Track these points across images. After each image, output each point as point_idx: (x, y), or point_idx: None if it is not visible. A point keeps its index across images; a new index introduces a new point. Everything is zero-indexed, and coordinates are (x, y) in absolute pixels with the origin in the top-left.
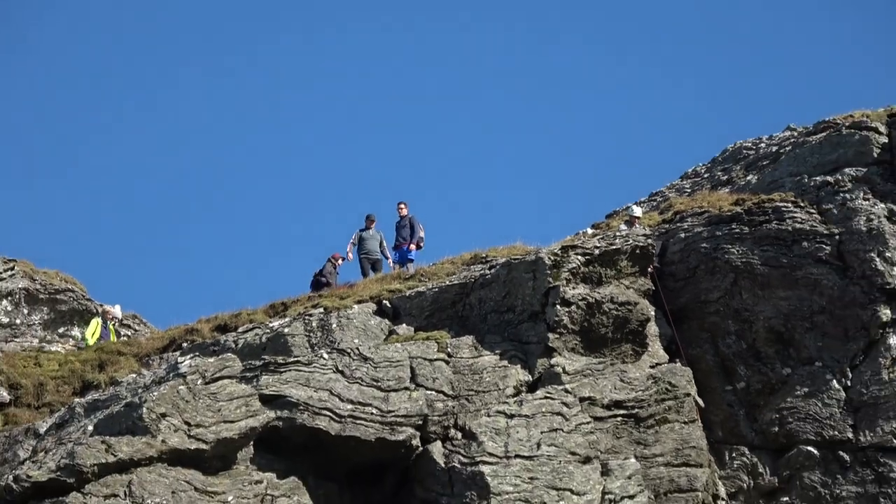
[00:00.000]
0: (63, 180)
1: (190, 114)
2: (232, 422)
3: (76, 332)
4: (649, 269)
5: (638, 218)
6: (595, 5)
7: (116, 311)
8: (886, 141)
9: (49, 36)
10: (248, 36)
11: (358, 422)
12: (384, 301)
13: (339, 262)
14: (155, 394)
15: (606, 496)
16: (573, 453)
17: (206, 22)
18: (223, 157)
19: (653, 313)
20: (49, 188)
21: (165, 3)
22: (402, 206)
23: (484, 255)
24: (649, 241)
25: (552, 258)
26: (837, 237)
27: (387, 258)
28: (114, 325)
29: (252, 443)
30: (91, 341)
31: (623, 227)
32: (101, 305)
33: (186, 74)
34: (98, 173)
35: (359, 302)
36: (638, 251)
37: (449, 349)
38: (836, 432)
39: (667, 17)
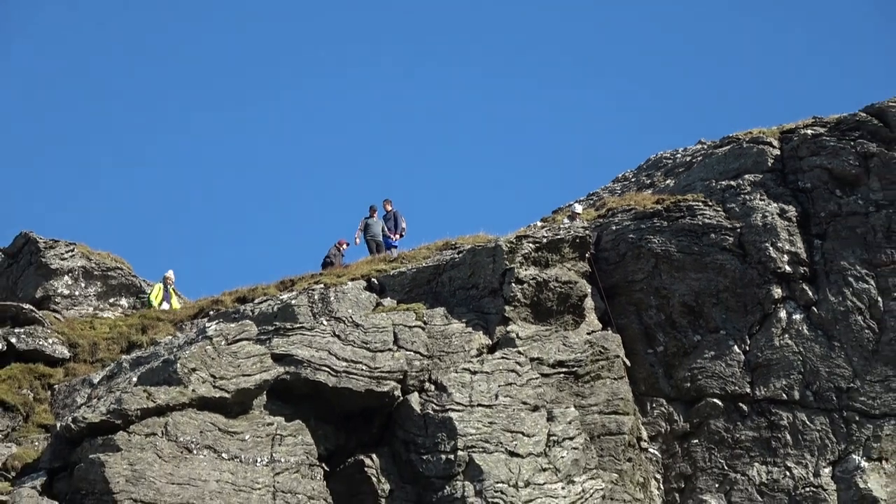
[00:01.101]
0: (117, 176)
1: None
2: (249, 375)
3: (123, 301)
4: (587, 255)
5: (578, 214)
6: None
7: (171, 275)
8: (778, 153)
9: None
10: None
11: (351, 376)
12: (373, 279)
13: (344, 246)
14: (187, 352)
15: (551, 437)
16: (524, 403)
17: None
18: (234, 156)
19: (589, 290)
20: (105, 182)
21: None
22: (388, 202)
23: (453, 243)
24: (587, 232)
25: (508, 245)
26: (738, 230)
27: (388, 237)
28: (172, 287)
29: (265, 392)
30: (155, 303)
31: (566, 220)
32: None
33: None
34: (151, 171)
35: (352, 280)
36: (578, 240)
37: (424, 318)
38: (737, 388)
39: (602, 35)
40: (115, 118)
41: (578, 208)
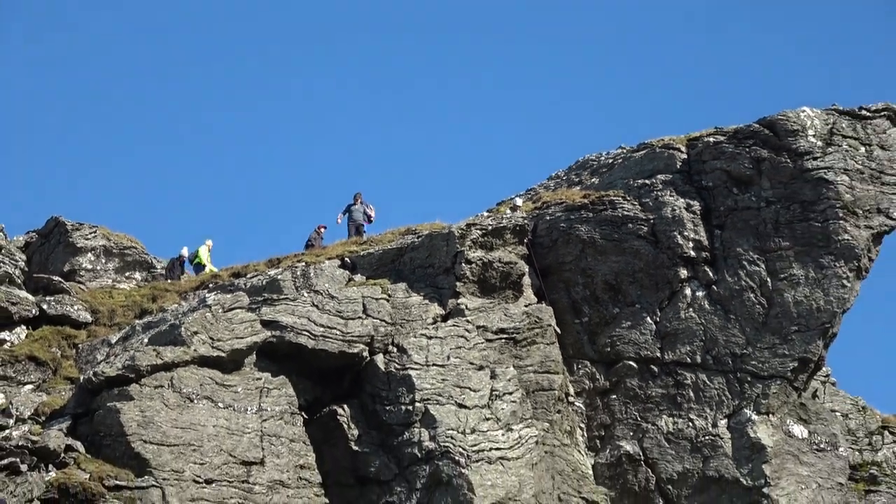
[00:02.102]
0: (132, 164)
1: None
2: (241, 338)
3: (137, 275)
4: (525, 240)
5: (519, 206)
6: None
7: (210, 243)
8: (685, 157)
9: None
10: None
11: (326, 339)
12: (346, 258)
13: (323, 230)
14: (190, 318)
15: (493, 392)
16: (471, 363)
17: None
18: (232, 146)
19: (526, 270)
20: (120, 168)
21: None
22: (359, 195)
23: (414, 229)
24: (525, 221)
25: (460, 231)
26: (651, 221)
27: (369, 222)
28: (209, 253)
29: (255, 352)
30: (205, 260)
31: (509, 211)
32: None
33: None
34: (161, 165)
35: (329, 259)
36: (518, 228)
37: (389, 292)
38: (649, 352)
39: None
40: (118, 117)
41: (519, 202)
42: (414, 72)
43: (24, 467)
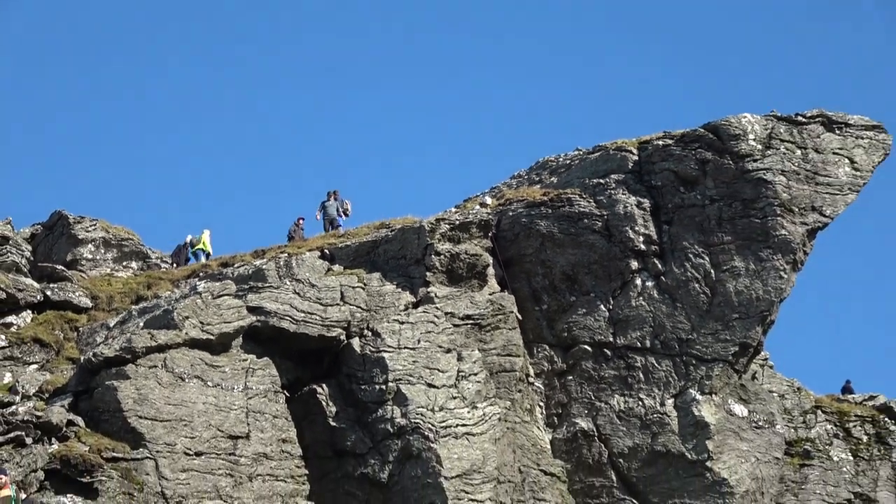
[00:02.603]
0: (131, 162)
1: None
2: (229, 322)
3: (133, 265)
4: (489, 234)
5: (488, 204)
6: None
7: (209, 232)
8: (636, 159)
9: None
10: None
11: (307, 324)
12: (325, 250)
13: (302, 221)
14: (182, 304)
15: (460, 373)
16: (440, 346)
17: None
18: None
19: (491, 261)
20: (119, 166)
21: None
22: (333, 192)
23: (388, 223)
24: (490, 216)
25: (430, 226)
26: (605, 217)
27: (345, 216)
28: (209, 241)
29: (241, 335)
30: (205, 246)
31: (477, 207)
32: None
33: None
34: (159, 164)
35: (309, 250)
36: (483, 223)
37: (364, 280)
38: (602, 337)
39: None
40: (116, 117)
41: (488, 200)
42: (392, 76)
43: (29, 440)
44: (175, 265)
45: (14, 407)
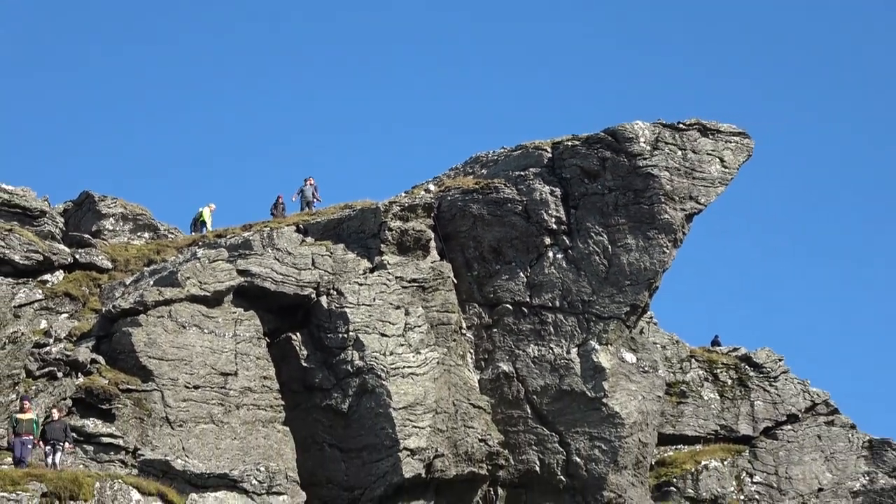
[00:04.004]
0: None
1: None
2: (222, 282)
3: (146, 235)
4: (432, 214)
5: (428, 189)
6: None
7: (213, 206)
8: (550, 156)
9: None
10: None
11: (285, 284)
12: (300, 225)
13: (280, 199)
14: (184, 267)
15: (406, 325)
16: (391, 304)
17: None
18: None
19: (433, 236)
20: (135, 148)
21: None
22: (309, 178)
23: (350, 204)
24: (432, 200)
25: (384, 207)
26: (525, 202)
27: (318, 200)
28: (211, 215)
29: (231, 293)
30: (206, 220)
31: (422, 193)
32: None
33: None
34: (166, 139)
35: (287, 225)
36: (426, 205)
37: (331, 250)
38: (521, 298)
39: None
40: (137, 108)
41: (431, 187)
42: (356, 84)
43: (60, 374)
44: (192, 233)
45: (48, 347)
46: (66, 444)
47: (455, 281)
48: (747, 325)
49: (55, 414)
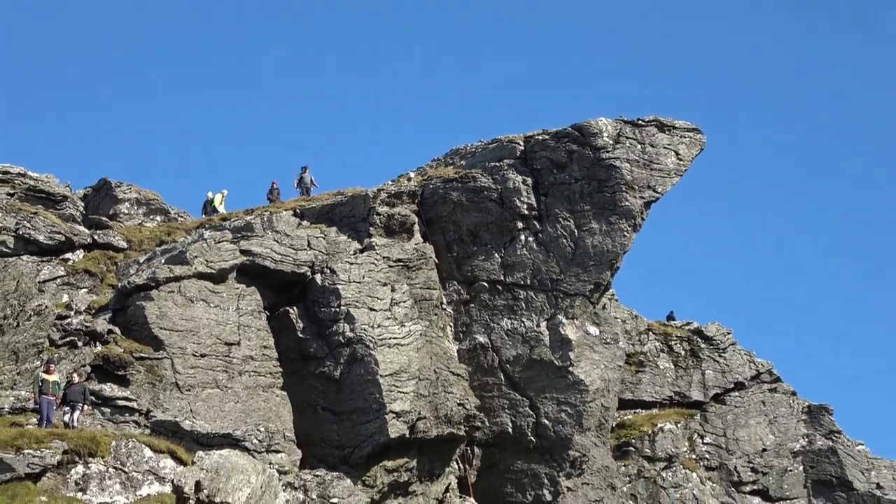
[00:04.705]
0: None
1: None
2: (226, 261)
3: (158, 218)
4: (416, 201)
5: (412, 178)
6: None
7: (225, 192)
8: (522, 149)
9: None
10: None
11: (283, 263)
12: (296, 210)
13: (276, 185)
14: (192, 247)
15: (392, 300)
16: (378, 280)
17: None
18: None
19: (417, 220)
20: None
21: None
22: (306, 167)
23: (342, 191)
24: (416, 188)
25: (373, 194)
26: (499, 190)
27: (315, 186)
28: (223, 200)
29: (235, 270)
30: (218, 206)
31: (407, 181)
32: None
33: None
34: (178, 141)
35: (285, 210)
36: (411, 193)
37: (325, 233)
38: (496, 277)
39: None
40: (151, 100)
41: (414, 176)
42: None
43: (80, 343)
44: (204, 216)
45: (69, 319)
46: (85, 406)
47: (436, 261)
48: (699, 302)
49: (75, 378)
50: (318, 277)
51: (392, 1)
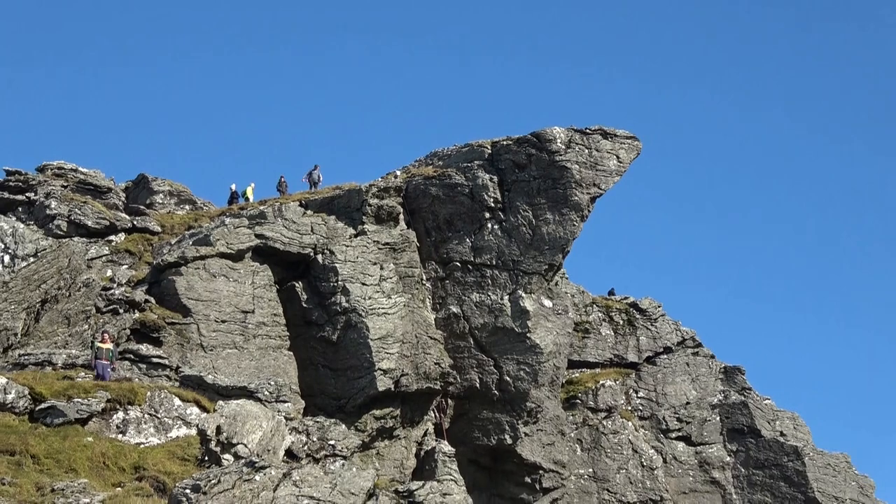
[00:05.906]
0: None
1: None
2: (244, 243)
3: (187, 207)
4: (401, 194)
5: (398, 175)
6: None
7: (253, 185)
8: (490, 152)
9: None
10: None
11: (290, 245)
12: (302, 201)
13: (283, 178)
14: (215, 231)
15: (381, 276)
16: (370, 260)
17: None
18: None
19: (402, 210)
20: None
21: None
22: (317, 166)
23: (340, 186)
24: (401, 184)
25: (365, 188)
26: (470, 186)
27: (319, 181)
28: (252, 190)
29: (251, 251)
30: (250, 195)
31: (393, 178)
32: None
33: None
34: (202, 138)
35: (293, 201)
36: (397, 187)
37: (326, 220)
38: (467, 258)
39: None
40: (182, 105)
41: (400, 174)
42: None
43: (121, 311)
44: (227, 206)
45: (112, 290)
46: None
47: (418, 244)
48: (636, 280)
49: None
50: (319, 257)
51: (388, 23)
